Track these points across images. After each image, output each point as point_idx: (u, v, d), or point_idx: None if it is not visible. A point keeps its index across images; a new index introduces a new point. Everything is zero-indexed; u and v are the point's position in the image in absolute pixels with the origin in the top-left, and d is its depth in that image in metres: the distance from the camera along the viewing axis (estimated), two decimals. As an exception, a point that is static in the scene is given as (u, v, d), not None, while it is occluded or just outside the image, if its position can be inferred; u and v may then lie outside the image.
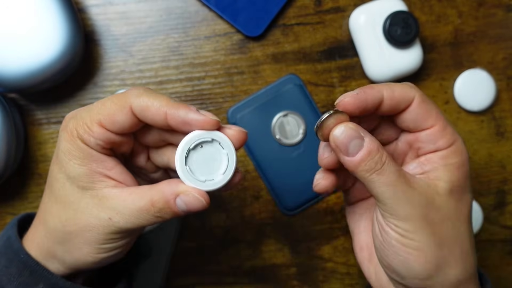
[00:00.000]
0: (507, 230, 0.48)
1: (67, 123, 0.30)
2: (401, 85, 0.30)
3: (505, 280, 0.48)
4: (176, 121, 0.28)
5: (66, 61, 0.41)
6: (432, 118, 0.30)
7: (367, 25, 0.44)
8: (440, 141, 0.30)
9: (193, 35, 0.46)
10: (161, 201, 0.29)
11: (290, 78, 0.46)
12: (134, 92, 0.29)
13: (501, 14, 0.48)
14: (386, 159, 0.28)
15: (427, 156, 0.30)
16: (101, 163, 0.29)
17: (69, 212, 0.30)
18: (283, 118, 0.46)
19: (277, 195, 0.46)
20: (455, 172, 0.29)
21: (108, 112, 0.28)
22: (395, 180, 0.28)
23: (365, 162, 0.28)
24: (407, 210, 0.28)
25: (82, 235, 0.30)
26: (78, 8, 0.46)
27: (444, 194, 0.29)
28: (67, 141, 0.29)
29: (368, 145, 0.28)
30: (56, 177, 0.30)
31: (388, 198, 0.28)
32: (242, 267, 0.47)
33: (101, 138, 0.29)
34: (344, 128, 0.28)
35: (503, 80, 0.48)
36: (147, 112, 0.28)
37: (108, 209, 0.29)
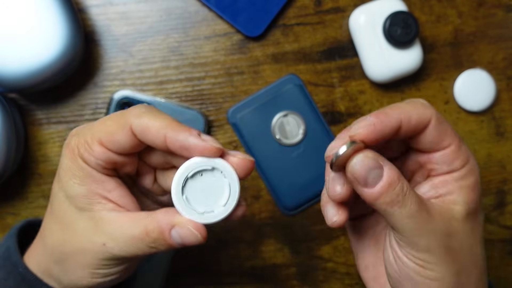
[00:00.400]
0: (507, 230, 0.48)
1: (70, 140, 0.29)
2: (416, 106, 0.28)
3: (505, 280, 0.48)
4: (175, 145, 0.27)
5: (66, 61, 0.41)
6: (449, 138, 0.28)
7: (367, 25, 0.44)
8: (455, 161, 0.28)
9: (193, 35, 0.46)
10: (155, 231, 0.27)
11: (290, 78, 0.46)
12: (135, 111, 0.28)
13: (501, 14, 0.48)
14: (408, 189, 0.26)
15: (441, 178, 0.28)
16: (101, 184, 0.28)
17: (66, 233, 0.29)
18: (283, 118, 0.46)
19: (277, 195, 0.46)
20: (470, 194, 0.28)
21: (108, 130, 0.28)
22: (417, 211, 0.26)
23: (386, 194, 0.26)
24: (429, 241, 0.27)
25: (76, 258, 0.29)
26: (78, 8, 0.46)
27: (461, 219, 0.28)
28: (69, 159, 0.28)
29: (388, 176, 0.26)
30: (56, 195, 0.29)
31: (409, 229, 0.26)
32: (242, 267, 0.47)
33: (102, 158, 0.28)
34: (362, 157, 0.26)
35: (503, 80, 0.48)
36: (146, 133, 0.27)
37: (103, 234, 0.28)
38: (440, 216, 0.27)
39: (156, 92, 0.46)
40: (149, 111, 0.28)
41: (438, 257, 0.27)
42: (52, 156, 0.46)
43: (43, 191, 0.46)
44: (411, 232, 0.26)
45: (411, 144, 0.29)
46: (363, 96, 0.47)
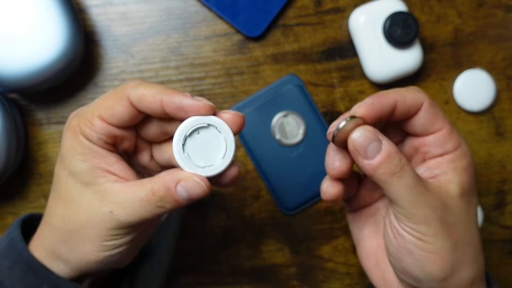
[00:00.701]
0: (507, 230, 0.48)
1: (70, 121, 0.30)
2: (410, 90, 0.30)
3: (505, 280, 0.48)
4: (171, 107, 0.28)
5: (66, 61, 0.41)
6: (440, 122, 0.30)
7: (367, 25, 0.44)
8: (447, 144, 0.30)
9: (193, 35, 0.46)
10: (161, 189, 0.29)
11: (290, 78, 0.46)
12: (130, 84, 0.29)
13: (501, 14, 0.48)
14: (405, 162, 0.28)
15: (436, 160, 0.30)
16: (103, 158, 0.30)
17: (72, 209, 0.30)
18: (283, 118, 0.46)
19: (277, 195, 0.46)
20: (464, 175, 0.30)
21: (107, 105, 0.29)
22: (414, 183, 0.28)
23: (385, 164, 0.28)
24: (426, 213, 0.28)
25: (84, 232, 0.30)
26: (79, 8, 0.46)
27: (456, 196, 0.29)
28: (70, 137, 0.29)
29: (387, 148, 0.28)
30: (59, 174, 0.30)
31: (408, 201, 0.28)
32: (242, 267, 0.47)
33: (103, 132, 0.29)
34: (363, 131, 0.28)
35: (503, 80, 0.48)
36: (143, 101, 0.28)
37: (110, 203, 0.29)
38: (436, 192, 0.29)
39: (156, 92, 0.46)
40: (143, 82, 0.29)
41: (435, 229, 0.28)
42: (52, 156, 0.46)
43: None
44: (409, 204, 0.28)
45: (405, 128, 0.31)
46: (363, 96, 0.47)
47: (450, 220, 0.29)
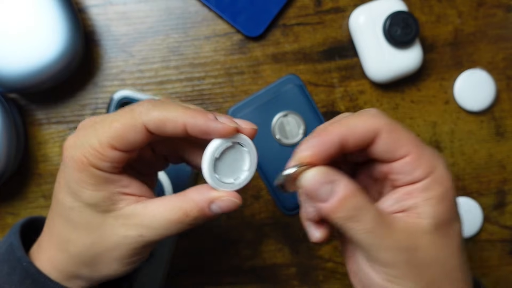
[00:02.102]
0: (507, 230, 0.48)
1: (71, 153, 0.28)
2: (362, 118, 0.27)
3: (505, 280, 0.48)
4: (196, 131, 0.27)
5: (66, 61, 0.41)
6: (405, 148, 0.27)
7: (367, 25, 0.44)
8: (416, 171, 0.27)
9: (193, 35, 0.46)
10: (195, 211, 0.29)
11: (290, 78, 0.46)
12: (142, 109, 0.28)
13: (501, 14, 0.48)
14: (364, 204, 0.26)
15: (406, 189, 0.27)
16: (117, 183, 0.29)
17: (93, 236, 0.29)
18: (283, 118, 0.46)
19: (277, 195, 0.46)
20: (438, 206, 0.27)
21: (119, 133, 0.27)
22: (374, 226, 0.26)
23: (340, 208, 0.26)
24: (390, 257, 0.26)
25: (110, 255, 0.30)
26: (78, 8, 0.46)
27: (429, 232, 0.27)
28: (78, 170, 0.28)
29: (342, 190, 0.26)
30: (72, 206, 0.29)
31: (369, 244, 0.26)
32: (242, 267, 0.47)
33: (115, 160, 0.28)
34: (311, 173, 0.26)
35: (503, 80, 0.48)
36: (164, 127, 0.27)
37: (137, 226, 0.29)
38: (404, 231, 0.26)
39: (156, 92, 0.46)
40: (156, 104, 0.28)
41: (403, 272, 0.26)
42: (52, 156, 0.46)
43: (43, 191, 0.46)
44: (370, 247, 0.26)
45: (367, 154, 0.28)
46: (363, 96, 0.47)
47: (422, 260, 0.27)
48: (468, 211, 0.47)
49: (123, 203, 0.29)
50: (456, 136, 0.48)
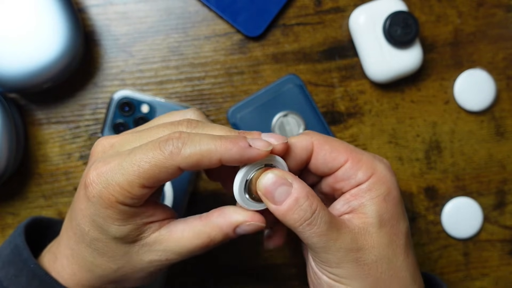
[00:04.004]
0: (507, 230, 0.48)
1: (97, 189, 0.27)
2: (296, 138, 0.29)
3: (505, 280, 0.48)
4: (231, 163, 0.27)
5: (66, 61, 0.41)
6: (342, 155, 0.29)
7: (367, 25, 0.44)
8: (358, 174, 0.29)
9: (193, 35, 0.46)
10: (220, 236, 0.29)
11: (290, 78, 0.46)
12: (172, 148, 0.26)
13: (501, 14, 0.48)
14: (317, 207, 0.27)
15: (352, 191, 0.29)
16: (143, 214, 0.29)
17: (119, 262, 0.30)
18: (283, 118, 0.46)
19: (277, 195, 0.46)
20: (382, 204, 0.28)
21: (150, 175, 0.27)
22: (326, 229, 0.27)
23: (293, 211, 0.27)
24: (339, 257, 0.27)
25: (136, 275, 0.31)
26: (78, 8, 0.46)
27: (375, 231, 0.28)
28: (105, 207, 0.27)
29: (296, 192, 0.27)
30: (98, 237, 0.29)
31: (320, 247, 0.27)
32: (242, 267, 0.47)
33: (143, 197, 0.28)
34: (270, 174, 0.27)
35: (503, 80, 0.48)
36: (198, 165, 0.27)
37: (164, 252, 0.29)
38: (351, 232, 0.28)
39: (156, 92, 0.46)
40: (186, 141, 0.27)
41: (351, 272, 0.27)
42: (52, 156, 0.46)
43: (43, 191, 0.46)
44: (321, 250, 0.27)
45: (311, 171, 0.30)
46: (363, 96, 0.47)
47: (369, 258, 0.28)
48: (468, 211, 0.47)
49: (148, 232, 0.29)
50: (456, 136, 0.48)
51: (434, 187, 0.48)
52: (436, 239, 0.48)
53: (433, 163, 0.47)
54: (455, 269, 0.48)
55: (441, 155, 0.48)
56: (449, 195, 0.48)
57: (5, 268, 0.31)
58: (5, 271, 0.31)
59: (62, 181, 0.46)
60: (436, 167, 0.48)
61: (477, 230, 0.47)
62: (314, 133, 0.29)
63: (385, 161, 0.30)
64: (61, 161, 0.46)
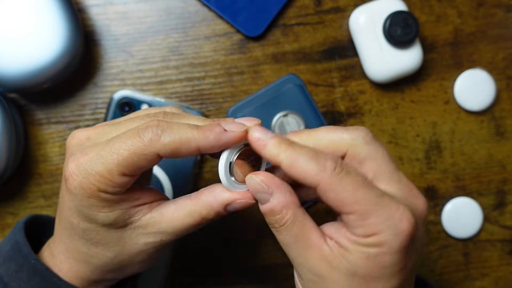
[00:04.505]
0: (507, 230, 0.48)
1: (78, 181, 0.27)
2: (308, 161, 0.26)
3: (505, 280, 0.48)
4: (209, 149, 0.28)
5: (66, 61, 0.41)
6: (346, 208, 0.26)
7: (367, 25, 0.44)
8: (357, 229, 0.26)
9: (193, 35, 0.46)
10: (211, 213, 0.29)
11: (290, 78, 0.46)
12: (151, 135, 0.27)
13: (501, 14, 0.48)
14: (287, 222, 0.27)
15: (347, 234, 0.27)
16: (129, 199, 0.29)
17: (114, 249, 0.30)
18: (283, 118, 0.46)
19: (277, 195, 0.46)
20: (363, 261, 0.26)
21: (129, 162, 0.27)
22: (292, 243, 0.28)
23: (267, 216, 0.28)
24: (302, 273, 0.28)
25: (133, 260, 0.31)
26: (78, 8, 0.46)
27: (344, 274, 0.27)
28: (88, 197, 0.28)
29: (272, 203, 0.28)
30: (88, 227, 0.29)
31: (287, 252, 0.29)
32: (242, 267, 0.47)
33: (125, 184, 0.28)
34: (254, 179, 0.28)
35: (503, 80, 0.48)
36: (177, 153, 0.27)
37: (156, 233, 0.29)
38: (322, 259, 0.27)
39: (156, 92, 0.46)
40: (165, 128, 0.27)
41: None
42: (52, 156, 0.46)
43: (43, 191, 0.46)
44: (287, 254, 0.29)
45: None
46: (363, 96, 0.47)
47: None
48: (468, 211, 0.47)
49: (139, 215, 0.29)
50: (456, 136, 0.48)
51: (434, 187, 0.48)
52: (436, 239, 0.48)
53: (433, 163, 0.47)
54: (455, 269, 0.48)
55: (441, 155, 0.48)
56: (449, 195, 0.48)
57: (6, 264, 0.32)
58: (5, 267, 0.31)
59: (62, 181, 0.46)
60: (436, 167, 0.48)
61: (477, 230, 0.47)
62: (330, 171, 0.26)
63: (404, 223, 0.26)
64: (61, 161, 0.46)
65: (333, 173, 0.26)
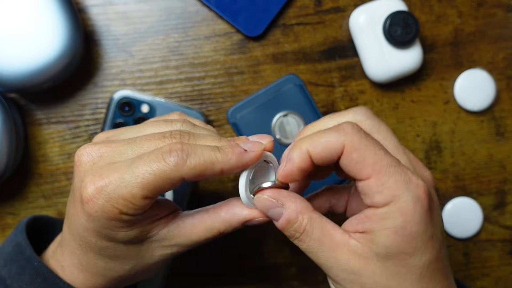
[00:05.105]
0: (507, 230, 0.48)
1: (99, 204, 0.27)
2: (330, 134, 0.27)
3: (505, 280, 0.48)
4: (233, 171, 0.28)
5: (66, 61, 0.41)
6: (367, 169, 0.26)
7: (367, 25, 0.44)
8: (376, 196, 0.26)
9: (193, 35, 0.46)
10: (229, 229, 0.30)
11: (290, 78, 0.46)
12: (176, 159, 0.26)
13: (501, 14, 0.48)
14: (306, 226, 0.28)
15: (367, 212, 0.27)
16: (148, 216, 0.29)
17: (132, 262, 0.30)
18: (283, 118, 0.46)
19: (277, 195, 0.46)
20: (393, 237, 0.26)
21: (154, 186, 0.27)
22: (317, 247, 0.28)
23: (286, 229, 0.28)
24: (337, 274, 0.28)
25: (149, 269, 0.31)
26: (78, 8, 0.46)
27: (378, 260, 0.26)
28: (109, 220, 0.27)
29: (287, 213, 0.28)
30: (106, 246, 0.29)
31: (315, 259, 0.29)
32: (242, 267, 0.47)
33: (148, 205, 0.28)
34: (259, 200, 0.29)
35: (503, 80, 0.48)
36: (202, 176, 0.27)
37: (173, 246, 0.30)
38: (352, 254, 0.27)
39: (156, 92, 0.46)
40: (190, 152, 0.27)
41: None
42: (52, 156, 0.46)
43: (43, 191, 0.46)
44: (318, 261, 0.28)
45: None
46: (363, 96, 0.47)
47: (367, 284, 0.27)
48: (468, 211, 0.47)
49: (156, 230, 0.30)
50: (456, 136, 0.48)
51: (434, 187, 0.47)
52: (436, 239, 0.48)
53: (433, 163, 0.47)
54: (455, 269, 0.48)
55: (441, 155, 0.48)
56: (449, 195, 0.48)
57: (8, 266, 0.32)
58: (7, 269, 0.31)
59: (62, 181, 0.46)
60: (436, 167, 0.48)
61: (477, 230, 0.47)
62: (351, 132, 0.26)
63: (421, 188, 0.26)
64: (61, 161, 0.46)
65: (354, 132, 0.26)
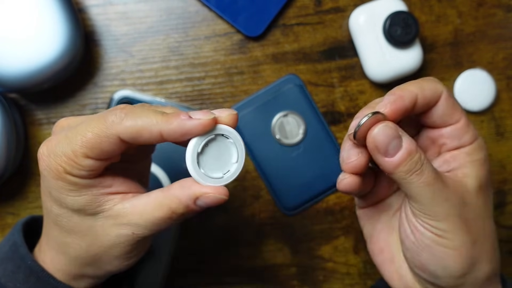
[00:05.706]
0: (507, 230, 0.48)
1: (46, 162, 0.28)
2: (429, 82, 0.29)
3: (505, 280, 0.48)
4: (173, 137, 0.27)
5: (66, 61, 0.41)
6: (458, 113, 0.29)
7: (367, 25, 0.44)
8: (465, 136, 0.29)
9: (193, 35, 0.46)
10: (181, 208, 0.28)
11: (290, 78, 0.46)
12: (114, 118, 0.27)
13: (501, 14, 0.48)
14: (425, 158, 0.28)
15: (452, 153, 0.30)
16: (99, 185, 0.29)
17: (87, 239, 0.30)
18: (283, 118, 0.46)
19: (277, 195, 0.46)
20: (481, 168, 0.29)
21: (92, 143, 0.27)
22: (433, 179, 0.28)
23: (405, 162, 0.27)
24: (446, 210, 0.28)
25: (109, 253, 0.30)
26: (78, 8, 0.46)
27: (473, 191, 0.29)
28: (56, 178, 0.28)
29: (407, 145, 0.27)
30: (59, 213, 0.29)
31: (427, 198, 0.28)
32: (242, 267, 0.47)
33: (91, 168, 0.28)
34: (384, 127, 0.27)
35: (503, 80, 0.48)
36: (139, 137, 0.27)
37: (128, 226, 0.29)
38: (454, 188, 0.28)
39: (156, 92, 0.46)
40: (128, 112, 0.27)
41: (455, 226, 0.28)
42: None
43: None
44: (428, 201, 0.28)
45: (423, 120, 0.30)
46: (363, 96, 0.47)
47: (469, 216, 0.29)
48: (468, 211, 0.47)
49: (110, 204, 0.29)
50: (456, 136, 0.48)
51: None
52: (436, 239, 0.48)
53: (433, 163, 0.48)
54: (455, 269, 0.48)
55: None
56: (449, 195, 0.48)
57: (3, 265, 0.32)
58: (3, 268, 0.32)
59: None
60: (436, 167, 0.48)
61: (477, 230, 0.47)
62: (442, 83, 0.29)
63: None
64: (61, 161, 0.46)
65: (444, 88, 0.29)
